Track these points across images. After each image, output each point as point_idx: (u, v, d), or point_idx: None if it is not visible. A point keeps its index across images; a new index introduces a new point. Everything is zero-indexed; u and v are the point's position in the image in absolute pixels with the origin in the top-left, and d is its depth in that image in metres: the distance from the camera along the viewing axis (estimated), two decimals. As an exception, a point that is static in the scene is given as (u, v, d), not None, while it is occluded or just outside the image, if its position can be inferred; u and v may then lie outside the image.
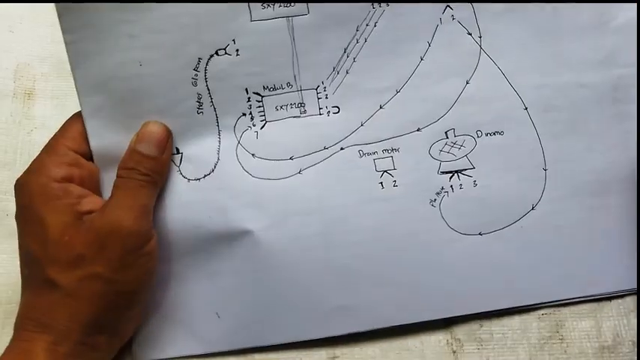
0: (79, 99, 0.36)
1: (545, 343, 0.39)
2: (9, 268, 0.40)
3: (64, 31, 0.35)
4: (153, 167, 0.36)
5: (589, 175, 0.40)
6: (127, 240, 0.34)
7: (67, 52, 0.35)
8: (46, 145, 0.36)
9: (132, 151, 0.36)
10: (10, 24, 0.47)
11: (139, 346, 0.38)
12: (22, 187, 0.35)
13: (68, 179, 0.35)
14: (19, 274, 0.39)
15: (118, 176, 0.36)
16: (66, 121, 0.37)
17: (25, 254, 0.35)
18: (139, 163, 0.36)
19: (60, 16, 0.35)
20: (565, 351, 0.39)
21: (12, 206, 0.40)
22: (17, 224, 0.35)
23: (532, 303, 0.39)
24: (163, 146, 0.37)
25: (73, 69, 0.36)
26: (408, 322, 0.39)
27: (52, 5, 0.43)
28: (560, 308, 0.40)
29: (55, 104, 0.45)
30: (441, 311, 0.39)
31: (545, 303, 0.40)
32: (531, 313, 0.40)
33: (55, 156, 0.35)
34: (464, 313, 0.39)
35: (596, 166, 0.40)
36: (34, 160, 0.36)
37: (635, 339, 0.39)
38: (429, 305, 0.39)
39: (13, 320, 0.38)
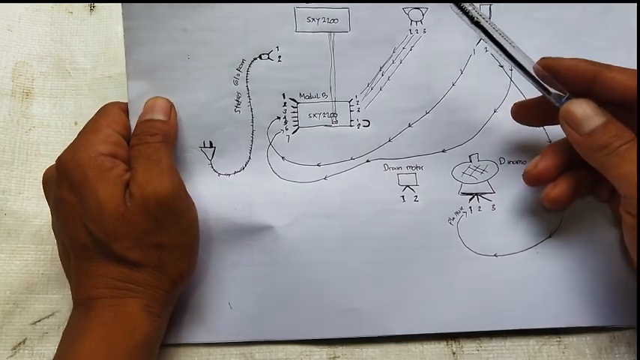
0: (127, 82, 0.38)
1: (543, 344, 0.39)
2: (7, 268, 0.41)
3: (124, 17, 0.38)
4: (160, 127, 0.37)
5: (608, 210, 0.40)
6: (175, 204, 0.35)
7: (124, 36, 0.38)
8: (87, 125, 0.37)
9: (139, 122, 0.37)
10: (8, 23, 0.46)
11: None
12: (69, 162, 0.35)
13: (114, 156, 0.36)
14: (17, 274, 0.40)
15: (130, 147, 0.36)
16: (103, 107, 0.38)
17: (82, 231, 0.34)
18: (147, 127, 0.37)
19: (123, 2, 0.37)
20: (563, 352, 0.39)
21: (10, 205, 0.42)
22: (61, 202, 0.35)
23: (539, 327, 0.39)
24: (168, 112, 0.38)
25: (126, 53, 0.38)
26: (411, 333, 0.39)
27: (50, 5, 0.46)
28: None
29: (54, 103, 0.45)
30: (445, 326, 0.39)
31: (550, 328, 0.40)
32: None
33: (101, 134, 0.36)
34: (467, 330, 0.39)
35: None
36: (78, 138, 0.36)
37: (634, 340, 0.39)
38: (434, 319, 0.39)
39: (12, 320, 0.39)
